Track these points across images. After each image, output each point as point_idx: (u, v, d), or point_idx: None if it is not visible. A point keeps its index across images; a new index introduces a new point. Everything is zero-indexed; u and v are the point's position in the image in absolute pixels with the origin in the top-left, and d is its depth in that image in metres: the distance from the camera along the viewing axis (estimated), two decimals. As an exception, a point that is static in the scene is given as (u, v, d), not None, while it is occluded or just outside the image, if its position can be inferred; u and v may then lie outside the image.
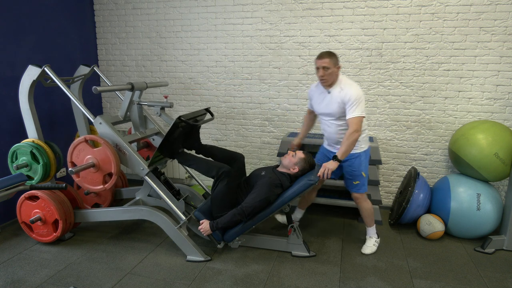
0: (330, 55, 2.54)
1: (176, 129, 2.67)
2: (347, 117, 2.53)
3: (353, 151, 2.67)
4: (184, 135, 2.87)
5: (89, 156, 2.71)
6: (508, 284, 2.46)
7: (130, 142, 2.87)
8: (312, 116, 3.03)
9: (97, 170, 2.72)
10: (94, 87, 2.61)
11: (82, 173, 2.75)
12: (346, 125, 2.60)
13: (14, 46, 3.21)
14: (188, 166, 2.88)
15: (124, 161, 2.77)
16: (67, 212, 2.87)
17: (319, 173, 2.55)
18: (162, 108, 3.06)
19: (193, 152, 3.06)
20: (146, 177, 2.77)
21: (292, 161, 2.77)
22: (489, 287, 2.43)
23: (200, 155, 2.99)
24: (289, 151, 2.86)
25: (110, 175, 2.72)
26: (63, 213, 2.83)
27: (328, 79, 2.57)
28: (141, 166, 2.74)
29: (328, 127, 2.73)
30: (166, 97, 3.04)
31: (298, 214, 3.18)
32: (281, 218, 3.15)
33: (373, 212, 2.85)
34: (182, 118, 2.62)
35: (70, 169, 2.60)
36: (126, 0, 4.00)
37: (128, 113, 3.06)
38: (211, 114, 3.12)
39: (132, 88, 2.89)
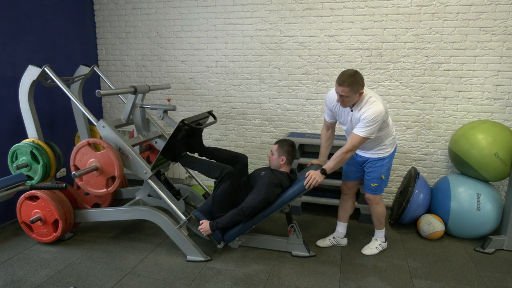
0: (351, 84, 2.28)
1: (179, 132, 2.67)
2: (353, 131, 2.43)
3: (378, 155, 2.61)
4: (186, 138, 2.87)
5: (92, 160, 2.70)
6: (508, 284, 2.46)
7: (133, 145, 2.86)
8: (329, 134, 2.80)
9: (100, 174, 2.71)
10: (97, 91, 2.61)
11: (85, 176, 2.74)
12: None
13: (14, 46, 3.21)
14: (191, 169, 2.89)
15: (127, 164, 2.77)
16: (67, 212, 2.87)
17: (305, 183, 2.53)
18: (165, 111, 3.06)
19: (196, 155, 3.06)
20: (149, 181, 2.76)
21: (275, 158, 2.79)
22: (489, 287, 2.43)
23: (203, 157, 2.99)
24: (268, 155, 2.85)
25: (113, 178, 2.72)
26: (63, 213, 2.83)
27: (345, 104, 2.41)
28: (144, 170, 2.74)
29: None
30: (168, 100, 3.04)
31: (340, 228, 2.95)
32: (322, 243, 2.98)
33: (384, 216, 2.80)
34: (185, 122, 2.62)
35: (73, 173, 2.59)
36: (126, 0, 4.00)
37: (131, 116, 3.06)
38: (214, 117, 3.12)
39: (135, 91, 2.89)
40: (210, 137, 4.08)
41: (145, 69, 4.12)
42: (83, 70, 3.27)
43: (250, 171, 3.94)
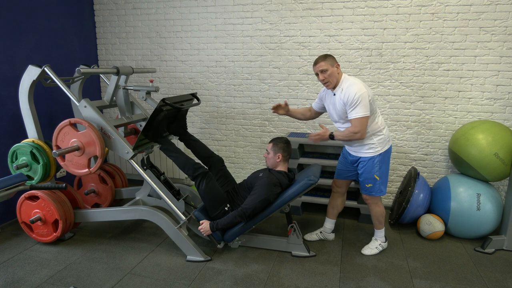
0: (324, 57, 2.52)
1: (160, 112, 2.66)
2: (349, 117, 2.49)
3: (367, 155, 2.63)
4: (169, 119, 2.86)
5: (74, 140, 2.70)
6: (508, 284, 2.46)
7: (116, 127, 2.85)
8: (309, 113, 2.92)
9: (82, 154, 2.71)
10: (77, 68, 2.61)
11: (67, 156, 2.75)
12: None
13: (14, 46, 3.21)
14: (167, 156, 2.87)
15: (109, 144, 2.77)
16: (67, 212, 2.87)
17: (311, 137, 2.55)
18: (148, 93, 3.04)
19: (176, 140, 3.05)
20: (131, 161, 2.75)
21: (270, 156, 2.81)
22: (489, 287, 2.43)
23: (183, 144, 3.01)
24: (264, 155, 2.89)
25: (95, 158, 2.72)
26: (63, 213, 2.83)
27: (330, 81, 2.53)
28: (126, 150, 2.73)
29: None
30: (151, 81, 3.03)
31: (328, 224, 3.04)
32: (309, 237, 3.06)
33: (383, 216, 2.80)
34: (167, 101, 2.60)
35: (53, 151, 2.60)
36: (126, 0, 4.00)
37: (114, 98, 3.04)
38: (198, 99, 3.12)
39: (118, 72, 2.88)
40: (210, 137, 4.08)
41: (145, 69, 4.12)
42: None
43: (249, 171, 3.98)
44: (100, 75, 3.61)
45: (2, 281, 2.43)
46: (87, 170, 2.74)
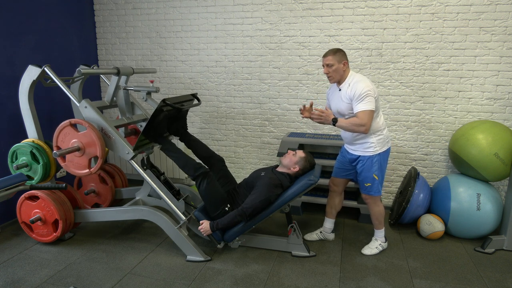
0: (334, 52, 2.53)
1: (160, 112, 2.66)
2: (354, 111, 2.49)
3: (365, 153, 2.63)
4: (169, 119, 2.87)
5: (74, 140, 2.70)
6: (508, 284, 2.46)
7: (117, 127, 2.85)
8: None
9: (82, 154, 2.71)
10: (78, 69, 2.62)
11: (68, 157, 2.75)
12: None
13: (14, 46, 3.21)
14: (168, 156, 2.87)
15: (110, 145, 2.77)
16: (67, 212, 2.87)
17: (314, 113, 2.52)
18: (148, 93, 3.04)
19: (176, 140, 3.05)
20: (132, 161, 2.75)
21: (292, 160, 2.77)
22: (489, 287, 2.43)
23: (183, 144, 3.02)
24: (289, 151, 2.86)
25: (96, 158, 2.72)
26: (63, 213, 2.83)
27: (333, 76, 2.55)
28: (126, 150, 2.73)
29: None
30: (152, 82, 3.04)
31: (328, 224, 3.05)
32: (309, 236, 3.07)
33: (383, 215, 2.80)
34: (167, 102, 2.61)
35: (54, 152, 2.60)
36: (126, 0, 4.00)
37: (115, 98, 3.05)
38: (198, 100, 3.12)
39: (118, 73, 2.88)
40: (210, 137, 4.08)
41: (145, 69, 4.12)
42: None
43: (249, 171, 3.98)
44: (101, 75, 3.61)
45: (2, 281, 2.43)
46: (87, 170, 2.74)
